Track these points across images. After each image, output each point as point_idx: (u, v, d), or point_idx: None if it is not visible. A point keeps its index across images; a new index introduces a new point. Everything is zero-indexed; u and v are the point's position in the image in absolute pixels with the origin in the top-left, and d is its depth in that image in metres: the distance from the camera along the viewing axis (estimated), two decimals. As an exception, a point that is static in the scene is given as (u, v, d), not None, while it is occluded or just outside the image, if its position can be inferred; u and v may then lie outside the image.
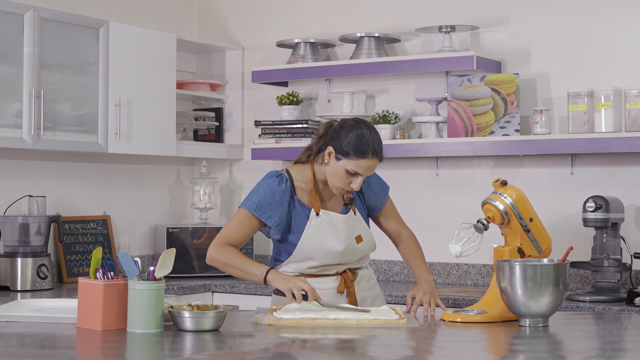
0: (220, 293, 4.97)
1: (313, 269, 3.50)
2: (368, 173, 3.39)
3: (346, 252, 3.49)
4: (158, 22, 5.50)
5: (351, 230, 3.50)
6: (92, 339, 2.82)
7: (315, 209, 3.46)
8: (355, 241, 3.51)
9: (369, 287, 3.58)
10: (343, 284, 3.50)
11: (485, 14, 4.95)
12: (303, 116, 5.44)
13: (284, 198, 3.44)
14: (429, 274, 3.56)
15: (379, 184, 3.64)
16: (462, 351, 2.79)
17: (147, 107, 4.99)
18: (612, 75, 4.61)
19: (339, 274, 3.52)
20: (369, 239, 3.56)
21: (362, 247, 3.54)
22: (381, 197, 3.63)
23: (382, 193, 3.64)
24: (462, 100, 4.81)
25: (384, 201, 3.64)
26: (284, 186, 3.45)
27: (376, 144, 3.39)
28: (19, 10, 4.41)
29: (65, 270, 4.93)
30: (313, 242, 3.45)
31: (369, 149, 3.35)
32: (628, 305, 4.08)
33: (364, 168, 3.36)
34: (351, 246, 3.49)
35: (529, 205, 3.25)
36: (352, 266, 3.55)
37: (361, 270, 3.57)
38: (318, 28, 5.42)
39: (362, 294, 3.54)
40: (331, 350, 2.78)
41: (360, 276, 3.56)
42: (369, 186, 3.60)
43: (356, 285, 3.53)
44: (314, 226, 3.46)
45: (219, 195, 5.69)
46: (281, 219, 3.43)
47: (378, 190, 3.63)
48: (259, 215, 3.42)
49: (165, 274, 2.94)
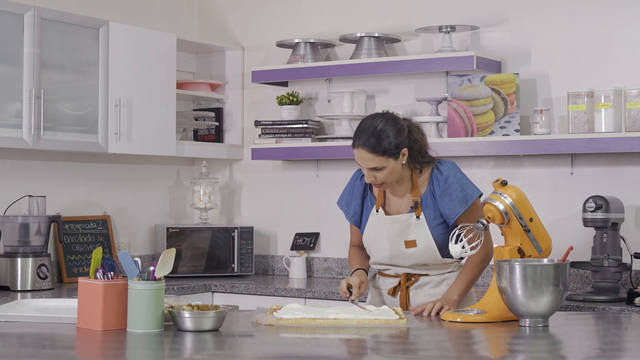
0: (220, 293, 4.97)
1: (377, 266, 3.59)
2: (364, 164, 3.37)
3: (393, 254, 3.47)
4: (158, 22, 5.50)
5: (402, 233, 3.45)
6: (92, 339, 2.82)
7: (376, 206, 3.50)
8: (405, 245, 3.45)
9: (433, 293, 3.48)
10: (396, 286, 3.51)
11: (485, 14, 4.95)
12: (303, 116, 5.44)
13: (358, 191, 3.56)
14: (457, 294, 3.40)
15: (459, 191, 3.42)
16: (462, 351, 2.79)
17: (147, 107, 4.99)
18: (612, 75, 4.61)
19: (398, 275, 3.52)
20: (426, 246, 3.44)
21: (414, 253, 3.45)
22: (457, 205, 3.41)
23: (460, 201, 3.41)
24: (462, 100, 4.81)
25: (459, 210, 3.40)
26: (359, 180, 3.58)
27: (365, 134, 3.34)
28: (19, 10, 4.41)
29: (65, 270, 4.93)
30: (368, 238, 3.53)
31: (355, 137, 3.38)
32: (628, 305, 4.08)
33: (357, 157, 3.38)
34: (398, 249, 3.46)
35: (529, 205, 3.25)
36: (413, 271, 3.49)
37: (427, 277, 3.50)
38: (318, 28, 5.42)
39: (421, 299, 3.48)
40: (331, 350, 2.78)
41: (424, 282, 3.49)
42: (446, 191, 3.42)
43: (415, 289, 3.49)
44: (372, 223, 3.51)
45: (219, 195, 5.69)
46: (355, 211, 3.57)
47: (456, 197, 3.41)
48: (341, 208, 3.63)
49: (165, 274, 2.95)
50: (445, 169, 3.46)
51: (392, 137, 3.36)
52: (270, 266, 5.53)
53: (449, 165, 3.48)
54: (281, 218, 5.54)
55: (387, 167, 3.36)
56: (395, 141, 3.36)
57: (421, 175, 3.49)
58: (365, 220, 3.55)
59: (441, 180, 3.44)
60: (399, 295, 3.51)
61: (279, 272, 5.50)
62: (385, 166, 3.36)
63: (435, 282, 3.51)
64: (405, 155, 3.40)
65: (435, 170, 3.47)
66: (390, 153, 3.35)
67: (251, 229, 5.29)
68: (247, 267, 5.25)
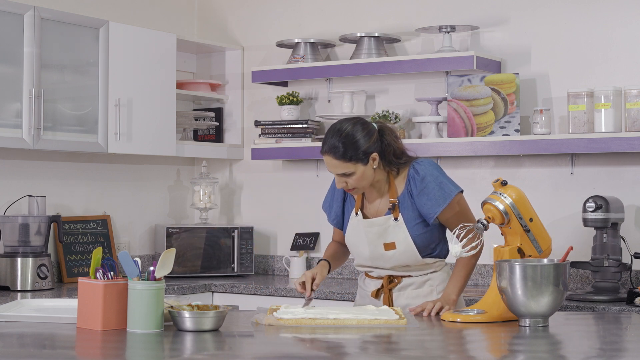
0: (220, 293, 4.97)
1: (361, 268, 3.59)
2: (332, 170, 3.35)
3: (373, 256, 3.47)
4: (158, 22, 5.50)
5: (380, 236, 3.44)
6: (92, 339, 2.82)
7: (355, 209, 3.50)
8: (384, 247, 3.43)
9: (416, 295, 3.48)
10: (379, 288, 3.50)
11: (485, 14, 4.95)
12: (303, 116, 5.44)
13: (338, 194, 3.57)
14: (455, 293, 3.39)
15: (436, 190, 3.38)
16: (462, 351, 2.79)
17: (147, 107, 4.99)
18: (612, 75, 4.61)
19: (381, 277, 3.52)
20: (406, 248, 3.42)
21: (394, 255, 3.44)
22: (435, 204, 3.37)
23: (438, 200, 3.37)
24: (462, 100, 4.81)
25: (438, 209, 3.36)
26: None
27: (330, 141, 3.30)
28: (19, 10, 4.41)
29: (65, 270, 4.93)
30: (349, 241, 3.54)
31: (322, 144, 3.35)
32: (628, 305, 4.08)
33: (326, 164, 3.36)
34: (378, 251, 3.45)
35: (529, 205, 3.25)
36: (395, 273, 3.48)
37: (410, 279, 3.49)
38: (318, 28, 5.42)
39: (404, 301, 3.47)
40: (331, 350, 2.78)
41: (407, 283, 3.48)
42: (423, 191, 3.38)
43: (398, 291, 3.49)
44: (352, 226, 3.51)
45: (219, 195, 5.69)
46: (337, 214, 3.58)
47: (434, 196, 3.37)
48: (325, 211, 3.64)
49: (165, 274, 2.95)
50: (422, 169, 3.40)
51: (360, 142, 3.30)
52: (270, 266, 5.53)
53: (425, 164, 3.42)
54: (281, 218, 5.54)
55: (356, 172, 3.32)
56: (363, 146, 3.31)
57: (398, 176, 3.44)
58: (347, 223, 3.54)
59: (418, 180, 3.39)
60: (382, 298, 3.50)
61: (279, 272, 5.50)
62: (354, 172, 3.32)
63: (418, 283, 3.49)
64: (376, 160, 3.35)
65: (411, 170, 3.42)
66: (358, 158, 3.31)
67: (251, 229, 5.29)
68: (247, 267, 5.25)
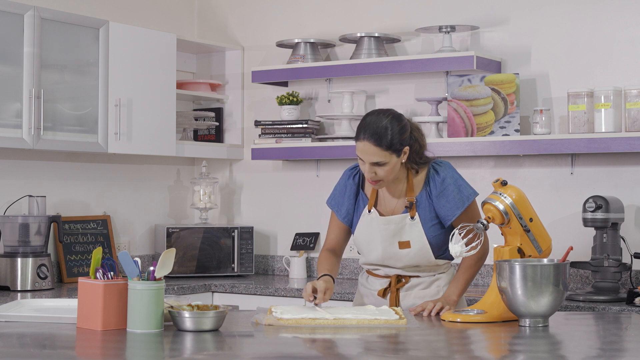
0: (220, 293, 4.97)
1: (368, 266, 3.56)
2: (367, 158, 3.33)
3: (386, 255, 3.46)
4: (158, 22, 5.50)
5: (396, 234, 3.43)
6: (92, 339, 2.82)
7: (369, 206, 3.48)
8: (398, 246, 3.43)
9: (423, 295, 3.47)
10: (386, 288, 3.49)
11: (485, 14, 4.95)
12: (303, 116, 5.44)
13: (350, 190, 3.54)
14: (456, 294, 3.39)
15: (455, 193, 3.40)
16: (462, 351, 2.79)
17: (147, 107, 4.99)
18: (612, 75, 4.61)
19: (388, 276, 3.51)
20: (420, 247, 3.42)
21: (408, 254, 3.43)
22: (454, 206, 3.39)
23: (456, 203, 3.39)
24: (462, 100, 4.81)
25: (457, 212, 3.38)
26: (352, 179, 3.55)
27: (371, 127, 3.31)
28: (19, 10, 4.41)
29: (65, 270, 4.93)
30: (360, 238, 3.51)
31: (360, 130, 3.34)
32: (628, 305, 4.08)
33: (360, 151, 3.34)
34: (391, 250, 3.44)
35: (529, 205, 3.25)
36: (405, 272, 3.47)
37: (418, 279, 3.49)
38: (318, 28, 5.43)
39: (411, 300, 3.47)
40: (331, 350, 2.78)
41: (415, 283, 3.48)
42: (443, 193, 3.40)
43: (405, 291, 3.48)
44: (364, 223, 3.49)
45: (219, 195, 5.69)
46: (348, 210, 3.54)
47: (453, 198, 3.39)
48: (332, 207, 3.58)
49: (165, 274, 2.95)
50: (442, 170, 3.44)
51: (399, 133, 3.34)
52: (270, 266, 5.53)
53: (445, 166, 3.46)
54: (281, 218, 5.54)
55: (389, 163, 3.33)
56: (401, 137, 3.34)
57: (417, 175, 3.46)
58: (357, 221, 3.53)
59: (438, 181, 3.42)
60: (389, 297, 3.50)
61: (279, 272, 5.50)
62: (387, 162, 3.33)
63: (426, 283, 3.50)
64: (406, 154, 3.38)
65: (431, 170, 3.45)
66: (395, 149, 3.33)
67: (251, 229, 5.29)
68: (247, 267, 5.25)
